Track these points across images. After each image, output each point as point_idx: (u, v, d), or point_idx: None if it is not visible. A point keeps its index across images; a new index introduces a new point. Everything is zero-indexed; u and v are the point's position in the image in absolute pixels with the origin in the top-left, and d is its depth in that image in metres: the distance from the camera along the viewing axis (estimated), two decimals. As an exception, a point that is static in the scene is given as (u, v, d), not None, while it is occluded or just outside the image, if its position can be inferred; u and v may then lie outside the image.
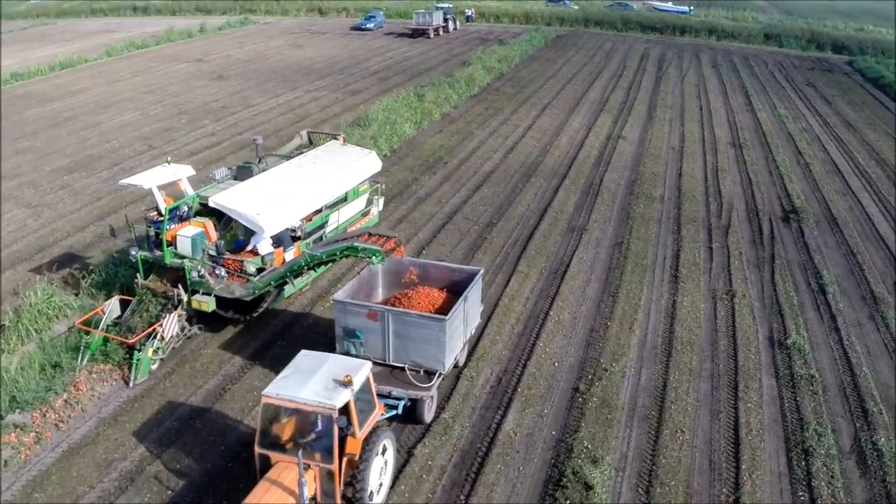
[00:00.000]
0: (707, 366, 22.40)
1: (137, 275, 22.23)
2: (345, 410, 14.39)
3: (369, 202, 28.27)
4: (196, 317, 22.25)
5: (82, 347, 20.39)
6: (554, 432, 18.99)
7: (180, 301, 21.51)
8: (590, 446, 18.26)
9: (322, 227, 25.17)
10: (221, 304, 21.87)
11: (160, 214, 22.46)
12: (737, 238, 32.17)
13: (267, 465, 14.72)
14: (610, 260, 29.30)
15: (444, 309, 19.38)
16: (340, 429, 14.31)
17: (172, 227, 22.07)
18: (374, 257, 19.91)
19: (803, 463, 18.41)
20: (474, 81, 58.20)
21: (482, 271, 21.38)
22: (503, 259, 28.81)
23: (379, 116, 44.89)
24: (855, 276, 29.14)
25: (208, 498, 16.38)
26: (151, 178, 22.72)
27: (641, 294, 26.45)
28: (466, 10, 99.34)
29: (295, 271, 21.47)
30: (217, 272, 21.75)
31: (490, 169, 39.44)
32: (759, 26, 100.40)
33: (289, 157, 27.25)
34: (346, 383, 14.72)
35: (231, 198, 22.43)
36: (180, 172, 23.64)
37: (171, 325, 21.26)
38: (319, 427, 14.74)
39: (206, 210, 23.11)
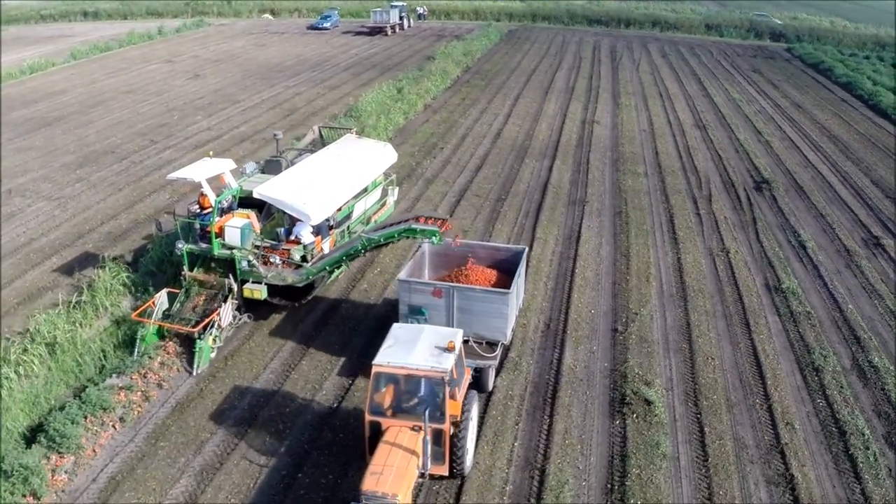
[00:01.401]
0: (719, 308, 25.68)
1: (184, 267, 22.73)
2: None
3: (384, 192, 29.03)
4: (244, 306, 22.94)
5: (138, 339, 20.95)
6: (606, 364, 22.00)
7: (231, 290, 22.21)
8: (640, 373, 21.34)
9: (348, 217, 25.73)
10: (272, 291, 22.41)
11: (201, 208, 23.16)
12: (719, 205, 35.65)
13: (376, 431, 15.65)
14: (614, 227, 32.46)
15: (499, 284, 20.99)
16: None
17: (216, 219, 22.56)
18: (433, 238, 21.27)
19: (816, 378, 21.73)
20: (447, 74, 61.07)
21: (526, 249, 23.29)
22: (520, 229, 31.75)
23: (368, 108, 47.32)
24: (828, 234, 32.81)
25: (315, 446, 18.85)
26: (199, 171, 23.18)
27: (649, 253, 29.64)
28: (418, 8, 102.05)
29: (351, 255, 22.47)
30: (272, 260, 22.45)
31: (484, 152, 42.35)
32: (699, 17, 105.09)
33: (310, 150, 28.29)
34: (450, 349, 15.98)
35: (274, 189, 23.13)
36: (223, 166, 24.12)
37: (227, 314, 21.90)
38: (430, 390, 15.82)
39: (243, 202, 23.91)
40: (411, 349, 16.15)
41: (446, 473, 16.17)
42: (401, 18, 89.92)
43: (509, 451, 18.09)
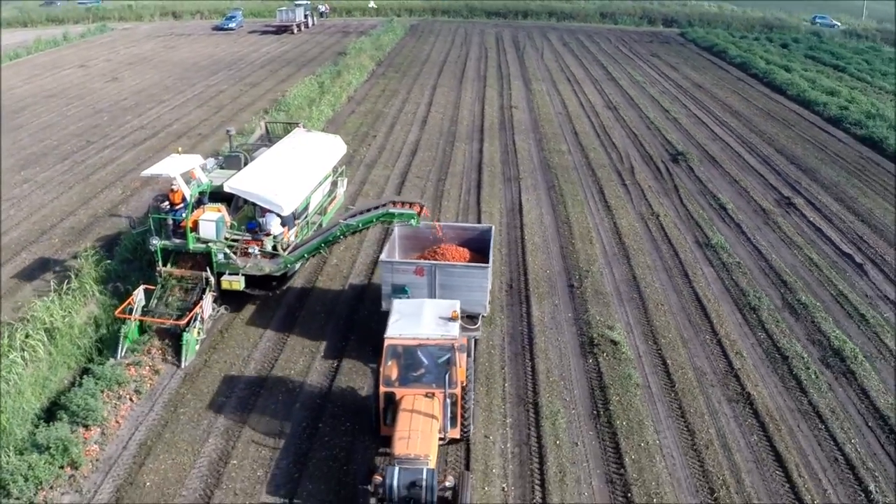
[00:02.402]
0: (659, 263, 28.25)
1: (158, 263, 22.86)
2: None
3: (334, 184, 29.65)
4: (220, 298, 23.16)
5: (121, 337, 21.04)
6: (570, 314, 24.20)
7: (208, 283, 22.38)
8: (601, 319, 23.63)
9: (306, 208, 25.99)
10: (248, 281, 22.77)
11: (171, 204, 23.58)
12: (642, 176, 38.46)
13: (390, 401, 16.33)
14: (550, 199, 34.79)
15: (472, 261, 22.05)
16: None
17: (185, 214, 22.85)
18: (412, 220, 22.33)
19: (754, 315, 24.42)
20: (364, 68, 62.57)
21: (493, 228, 24.35)
22: (465, 205, 33.74)
23: (295, 102, 48.54)
24: (743, 197, 35.92)
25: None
26: (172, 167, 23.55)
27: (587, 220, 32.07)
28: (320, 6, 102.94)
29: (330, 242, 23.27)
30: (251, 251, 22.84)
31: (415, 139, 44.18)
32: (594, 6, 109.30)
33: (265, 145, 28.66)
34: (454, 318, 16.82)
35: (244, 182, 23.43)
36: (192, 161, 24.51)
37: (208, 306, 22.25)
38: (443, 358, 16.45)
39: (210, 197, 24.20)
40: (418, 321, 16.93)
41: (458, 437, 17.02)
42: (305, 17, 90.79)
43: (502, 390, 20.04)
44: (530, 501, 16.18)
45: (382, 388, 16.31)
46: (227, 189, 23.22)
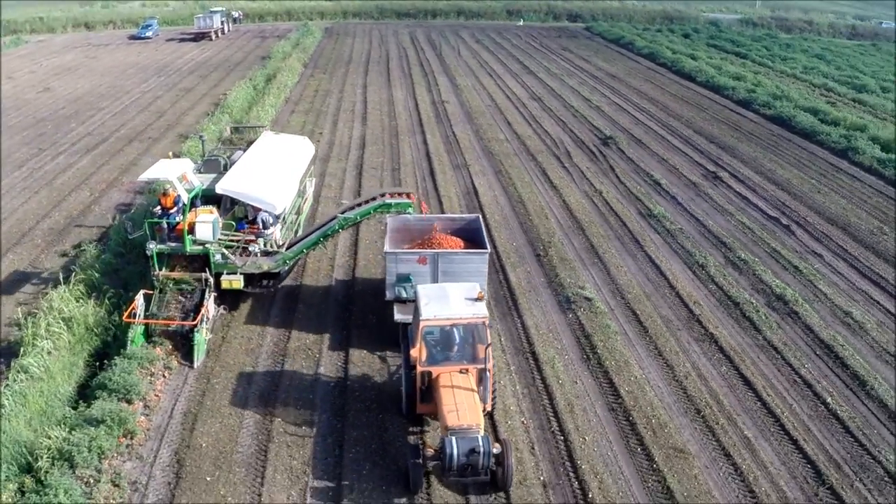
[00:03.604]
0: (610, 233, 31.12)
1: (154, 267, 22.94)
2: None
3: (302, 182, 29.27)
4: (219, 297, 23.42)
5: (129, 342, 21.33)
6: (543, 279, 26.77)
7: (208, 284, 22.61)
8: (571, 281, 26.30)
9: (291, 207, 26.40)
10: (247, 280, 23.09)
11: (163, 208, 23.72)
12: (579, 159, 41.46)
13: (427, 379, 17.22)
14: (500, 182, 37.38)
15: (468, 248, 22.59)
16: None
17: (179, 217, 23.26)
18: (409, 209, 23.52)
19: (703, 272, 27.47)
20: (294, 70, 64.04)
21: (480, 216, 25.16)
22: (424, 190, 35.99)
23: (236, 104, 49.96)
24: (674, 173, 39.27)
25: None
26: (169, 170, 23.93)
27: (538, 199, 34.77)
28: (234, 12, 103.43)
29: (328, 236, 23.92)
30: (252, 249, 23.17)
31: (360, 134, 46.21)
32: (500, 4, 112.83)
33: (241, 148, 29.12)
34: (480, 298, 17.59)
35: (235, 184, 23.88)
36: (185, 165, 24.85)
37: (212, 306, 22.54)
38: (474, 335, 17.54)
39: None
40: (448, 303, 17.51)
41: (489, 409, 18.10)
42: (222, 23, 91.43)
43: (499, 343, 22.44)
44: (548, 429, 18.60)
45: (420, 368, 17.11)
46: (219, 191, 23.69)
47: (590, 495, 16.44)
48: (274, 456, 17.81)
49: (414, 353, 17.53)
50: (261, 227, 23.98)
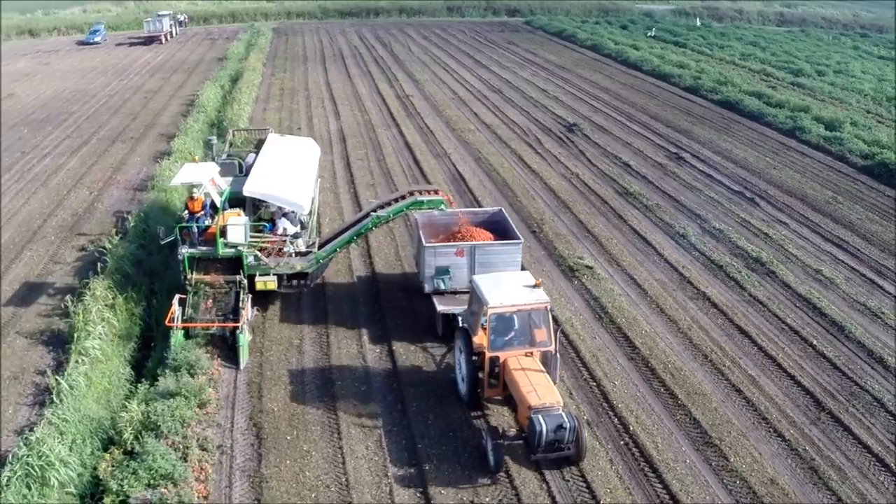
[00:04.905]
0: (594, 210, 33.80)
1: (185, 271, 23.19)
2: None
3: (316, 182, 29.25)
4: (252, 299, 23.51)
5: (172, 345, 21.80)
6: (542, 252, 29.27)
7: (242, 286, 22.89)
8: (570, 253, 28.86)
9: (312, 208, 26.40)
10: (278, 280, 23.32)
11: (190, 212, 24.00)
12: (550, 146, 44.14)
13: (495, 364, 18.03)
14: (482, 168, 39.79)
15: (494, 239, 23.48)
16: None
17: (208, 221, 23.84)
18: (442, 206, 24.46)
19: (685, 240, 30.23)
20: (256, 70, 65.46)
21: (502, 209, 26.24)
22: (413, 178, 38.18)
23: (209, 104, 51.40)
24: (640, 156, 42.17)
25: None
26: (199, 174, 24.39)
27: (521, 181, 37.31)
28: (179, 16, 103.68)
29: (361, 234, 24.62)
30: (286, 250, 23.56)
31: (337, 128, 48.08)
32: (440, 2, 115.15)
33: (254, 150, 29.49)
34: (538, 285, 18.51)
35: (260, 186, 24.17)
36: (211, 169, 24.99)
37: (249, 308, 22.96)
38: (539, 319, 18.54)
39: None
40: (510, 291, 18.36)
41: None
42: (171, 26, 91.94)
43: (520, 308, 24.82)
44: (581, 378, 21.09)
45: (489, 353, 17.97)
46: (247, 193, 24.00)
47: (630, 428, 18.92)
48: (343, 413, 19.76)
49: (477, 340, 18.49)
50: (282, 230, 24.51)
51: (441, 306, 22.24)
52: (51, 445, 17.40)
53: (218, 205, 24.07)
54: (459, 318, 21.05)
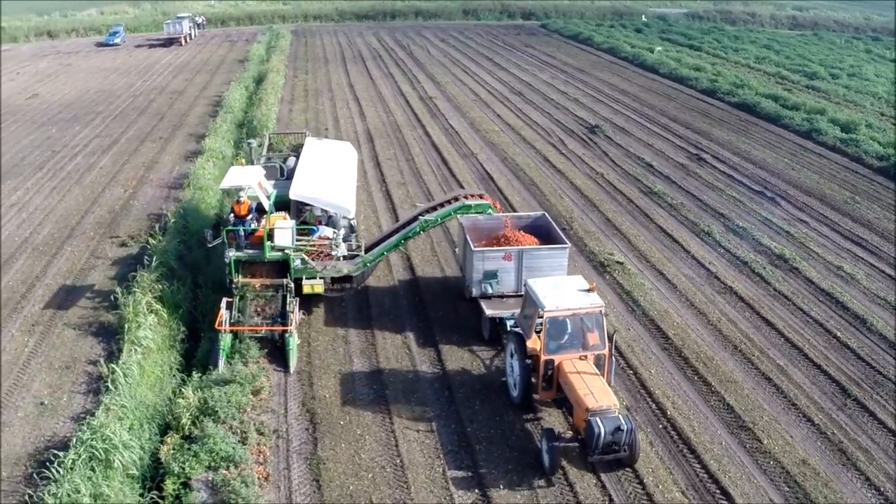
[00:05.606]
0: (621, 208, 34.82)
1: (231, 274, 23.40)
2: None
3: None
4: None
5: (220, 349, 21.91)
6: (574, 248, 30.18)
7: (289, 289, 23.01)
8: (601, 249, 29.93)
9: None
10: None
11: (236, 216, 23.98)
12: (573, 146, 45.17)
13: (549, 366, 18.22)
14: (509, 168, 40.87)
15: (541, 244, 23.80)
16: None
17: (255, 224, 23.89)
18: (489, 210, 24.71)
19: (710, 238, 31.25)
20: (279, 71, 66.63)
21: (545, 214, 26.80)
22: (442, 178, 39.27)
23: (236, 105, 52.53)
24: (661, 157, 43.18)
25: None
26: (247, 177, 24.40)
27: (548, 181, 38.36)
28: (197, 17, 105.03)
29: (408, 237, 24.78)
30: (334, 253, 23.73)
31: (364, 129, 49.21)
32: (456, 4, 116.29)
33: (294, 154, 30.02)
34: (591, 290, 18.72)
35: (306, 189, 24.55)
36: (257, 173, 25.19)
37: (297, 311, 23.25)
38: (593, 323, 18.71)
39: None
40: (564, 295, 18.52)
41: None
42: (190, 28, 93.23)
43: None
44: (617, 366, 22.01)
45: (544, 357, 18.21)
46: (293, 197, 24.29)
47: (668, 413, 19.98)
48: (393, 399, 20.83)
49: (530, 343, 18.77)
50: (344, 228, 25.05)
51: (489, 310, 22.49)
52: (113, 429, 18.20)
53: (266, 208, 24.31)
54: (507, 322, 21.65)
